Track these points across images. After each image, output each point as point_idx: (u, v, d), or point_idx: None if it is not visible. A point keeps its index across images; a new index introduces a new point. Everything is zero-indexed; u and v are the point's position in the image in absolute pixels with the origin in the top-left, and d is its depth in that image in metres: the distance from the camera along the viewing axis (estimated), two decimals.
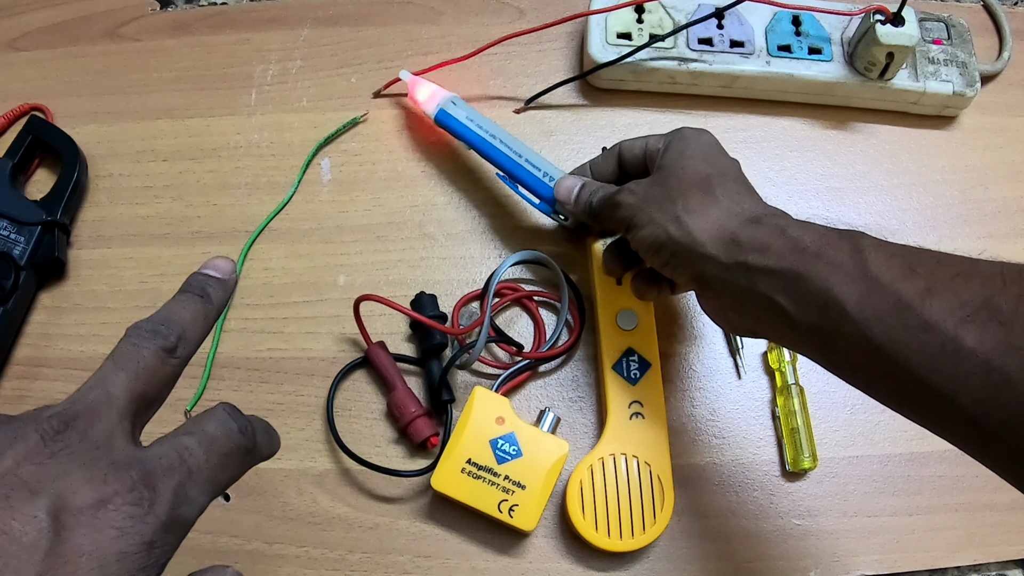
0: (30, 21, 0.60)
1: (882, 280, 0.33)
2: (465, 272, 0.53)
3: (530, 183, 0.51)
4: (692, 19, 0.55)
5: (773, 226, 0.37)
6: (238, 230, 0.54)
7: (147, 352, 0.27)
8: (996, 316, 0.30)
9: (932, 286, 0.32)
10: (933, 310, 0.31)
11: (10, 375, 0.51)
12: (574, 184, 0.48)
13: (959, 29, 0.57)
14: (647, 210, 0.41)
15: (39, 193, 0.53)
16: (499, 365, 0.50)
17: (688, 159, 0.42)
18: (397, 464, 0.48)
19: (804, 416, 0.48)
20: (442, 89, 0.54)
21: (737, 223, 0.39)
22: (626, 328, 0.49)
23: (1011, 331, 0.29)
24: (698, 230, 0.39)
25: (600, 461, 0.46)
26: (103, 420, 0.25)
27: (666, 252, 0.40)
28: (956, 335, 0.30)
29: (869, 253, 0.34)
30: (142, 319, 0.28)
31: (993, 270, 0.31)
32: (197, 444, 0.26)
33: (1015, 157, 0.57)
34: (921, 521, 0.48)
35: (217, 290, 0.31)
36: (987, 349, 0.30)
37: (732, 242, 0.38)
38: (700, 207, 0.40)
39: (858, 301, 0.33)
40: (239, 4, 0.61)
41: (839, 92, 0.56)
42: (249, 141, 0.57)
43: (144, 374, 0.27)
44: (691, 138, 0.44)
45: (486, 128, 0.52)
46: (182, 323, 0.29)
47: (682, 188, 0.41)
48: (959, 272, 0.32)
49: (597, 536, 0.45)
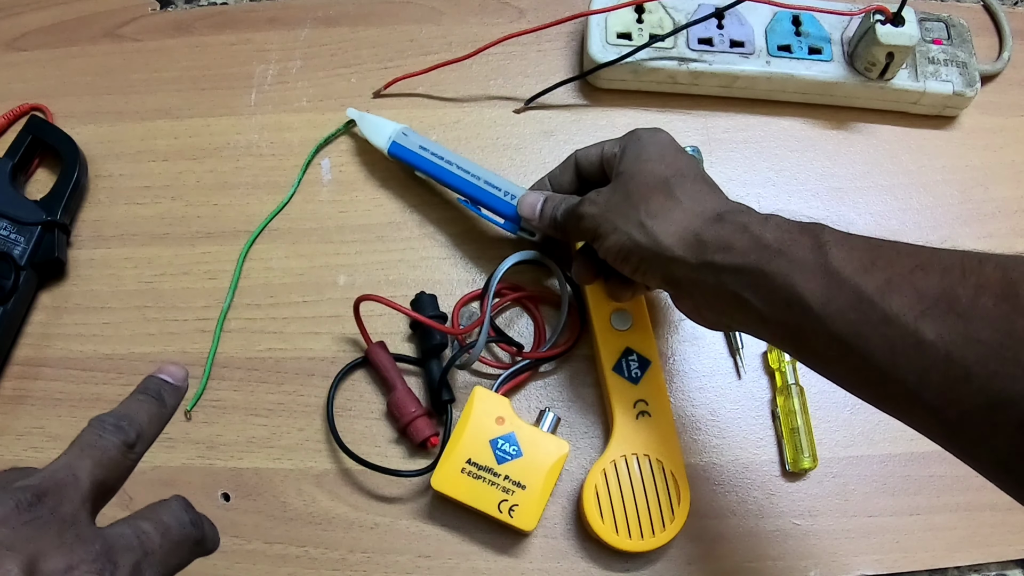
0: (30, 21, 0.60)
1: (843, 275, 0.33)
2: (465, 272, 0.53)
3: (492, 204, 0.50)
4: (692, 19, 0.55)
5: (736, 223, 0.37)
6: (238, 230, 0.54)
7: (110, 444, 0.30)
8: (954, 308, 0.30)
9: (892, 279, 0.32)
10: (893, 303, 0.31)
11: (10, 375, 0.51)
12: (536, 200, 0.48)
13: (959, 29, 0.57)
14: (610, 218, 0.42)
15: (39, 193, 0.53)
16: (499, 365, 0.50)
17: (645, 162, 0.42)
18: (397, 464, 0.48)
19: (804, 416, 0.48)
20: (391, 121, 0.54)
21: (700, 222, 0.39)
22: (621, 328, 0.49)
23: (969, 323, 0.29)
24: (663, 233, 0.39)
25: (612, 464, 0.46)
26: (69, 499, 0.28)
27: (634, 258, 0.41)
28: (916, 328, 0.30)
29: (830, 248, 0.34)
30: (104, 413, 0.31)
31: (953, 261, 0.31)
32: (153, 529, 0.29)
33: (1015, 157, 0.57)
34: (921, 521, 0.48)
35: (171, 395, 0.34)
36: (946, 342, 0.30)
37: (697, 242, 0.38)
38: (662, 210, 0.40)
39: (821, 296, 0.33)
40: (239, 4, 0.61)
41: (839, 92, 0.56)
42: (249, 141, 0.57)
43: (107, 464, 0.30)
44: (647, 140, 0.44)
45: (441, 155, 0.52)
46: (141, 422, 0.31)
47: (643, 193, 0.41)
48: (918, 264, 0.32)
49: (619, 539, 0.44)
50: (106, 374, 0.51)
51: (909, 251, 0.33)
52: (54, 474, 0.28)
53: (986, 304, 0.29)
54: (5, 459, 0.49)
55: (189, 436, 0.49)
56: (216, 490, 0.48)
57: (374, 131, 0.54)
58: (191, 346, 0.51)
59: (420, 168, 0.52)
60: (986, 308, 0.29)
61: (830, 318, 0.33)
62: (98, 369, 0.51)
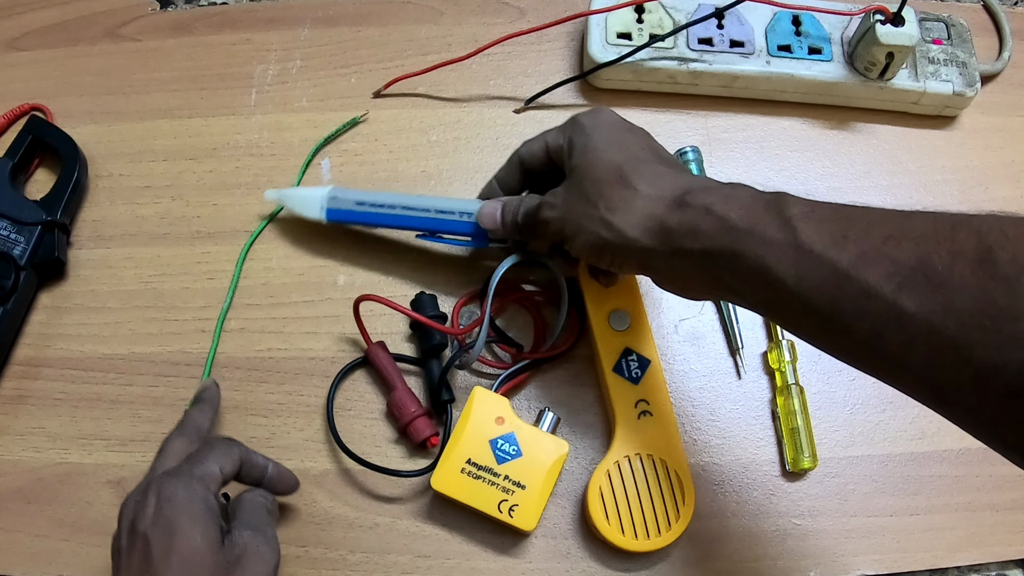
0: (30, 21, 0.60)
1: (815, 250, 0.32)
2: (465, 272, 0.53)
3: (451, 229, 0.49)
4: (692, 19, 0.55)
5: (699, 206, 0.37)
6: (238, 230, 0.54)
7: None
8: (931, 278, 0.29)
9: (866, 251, 0.31)
10: (869, 276, 0.31)
11: (10, 375, 0.51)
12: (495, 208, 0.47)
13: (959, 29, 0.57)
14: (573, 220, 0.41)
15: (39, 193, 0.53)
16: (499, 365, 0.50)
17: (595, 152, 0.42)
18: (397, 464, 0.48)
19: (804, 416, 0.48)
20: (316, 188, 0.52)
21: (663, 208, 0.38)
22: (619, 329, 0.49)
23: (947, 293, 0.29)
24: (628, 227, 0.39)
25: (616, 465, 0.46)
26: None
27: (607, 254, 0.41)
28: (895, 300, 0.30)
29: (798, 223, 0.33)
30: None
31: (926, 228, 0.31)
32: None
33: (1015, 157, 0.57)
34: (921, 521, 0.48)
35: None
36: (927, 313, 0.29)
37: (663, 230, 0.38)
38: (622, 202, 0.39)
39: (796, 275, 0.33)
40: (239, 4, 0.61)
41: (839, 92, 0.56)
42: (249, 141, 0.57)
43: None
44: (591, 127, 0.43)
45: (381, 202, 0.50)
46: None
47: (599, 188, 0.40)
48: (891, 233, 0.31)
49: (624, 539, 0.44)
50: (106, 374, 0.51)
51: (880, 219, 0.32)
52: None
53: (963, 272, 0.28)
54: (5, 459, 0.49)
55: None
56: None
57: (303, 205, 0.51)
58: (191, 346, 0.51)
59: (365, 223, 0.51)
60: (963, 276, 0.28)
61: (807, 295, 0.33)
62: (98, 369, 0.51)
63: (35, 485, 0.48)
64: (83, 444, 0.49)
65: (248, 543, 0.37)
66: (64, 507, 0.48)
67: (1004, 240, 0.28)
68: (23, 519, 0.47)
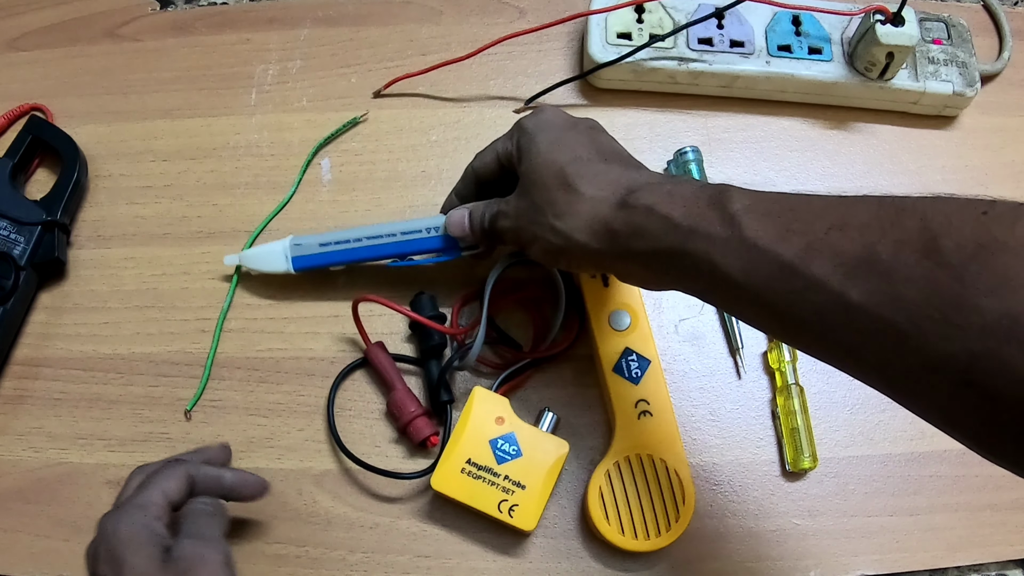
0: (30, 21, 0.60)
1: (760, 245, 0.32)
2: (464, 272, 0.53)
3: (421, 247, 0.49)
4: (692, 19, 0.55)
5: (640, 207, 0.37)
6: (238, 230, 0.54)
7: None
8: (876, 268, 0.29)
9: (811, 243, 0.31)
10: (815, 269, 0.30)
11: (10, 375, 0.51)
12: (462, 216, 0.47)
13: (959, 29, 0.57)
14: (526, 228, 0.41)
15: (39, 193, 0.53)
16: (498, 365, 0.50)
17: (538, 157, 0.41)
18: (397, 464, 0.48)
19: (804, 416, 0.48)
20: (274, 242, 0.51)
21: (607, 210, 0.38)
22: (619, 329, 0.49)
23: (893, 283, 0.28)
24: (576, 231, 0.39)
25: (616, 465, 0.46)
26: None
27: (563, 259, 0.41)
28: (842, 292, 0.30)
29: (742, 218, 0.33)
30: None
31: (870, 215, 0.30)
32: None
33: (1015, 157, 0.57)
34: (921, 521, 0.48)
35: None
36: (875, 304, 0.29)
37: (609, 233, 0.38)
38: (568, 207, 0.39)
39: (742, 270, 0.33)
40: (239, 4, 0.61)
41: (839, 92, 0.56)
42: (249, 141, 0.57)
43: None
44: (534, 130, 0.43)
45: (344, 239, 0.49)
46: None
47: (545, 194, 0.40)
48: (833, 224, 0.31)
49: (625, 540, 0.44)
50: (106, 374, 0.51)
51: (823, 209, 0.32)
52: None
53: (908, 261, 0.28)
54: (5, 459, 0.49)
55: (189, 436, 0.49)
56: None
57: (266, 261, 0.51)
58: (191, 346, 0.51)
59: (334, 263, 0.50)
60: (908, 265, 0.28)
61: (755, 289, 0.32)
62: (98, 369, 0.51)
63: (35, 485, 0.48)
64: (83, 444, 0.49)
65: (190, 552, 0.36)
66: (64, 507, 0.48)
67: (949, 227, 0.28)
68: (23, 519, 0.47)
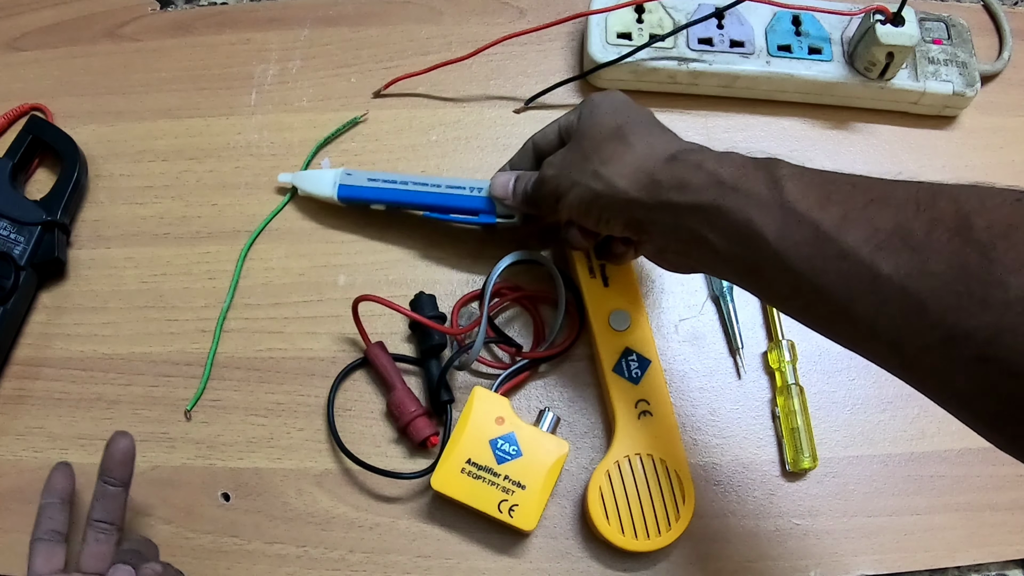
0: (30, 21, 0.60)
1: (799, 209, 0.33)
2: (464, 272, 0.53)
3: (462, 204, 0.50)
4: (692, 19, 0.55)
5: (690, 162, 0.38)
6: (238, 230, 0.54)
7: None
8: (909, 242, 0.30)
9: (848, 214, 0.32)
10: (849, 238, 0.31)
11: (10, 375, 0.51)
12: (508, 179, 0.48)
13: (959, 29, 0.57)
14: (568, 175, 0.42)
15: (39, 193, 0.53)
16: (498, 365, 0.50)
17: (598, 117, 0.43)
18: (397, 464, 0.48)
19: (804, 416, 0.48)
20: (328, 169, 0.53)
21: (654, 163, 0.39)
22: (619, 329, 0.49)
23: (923, 257, 0.29)
24: (618, 176, 0.40)
25: (616, 465, 0.46)
26: None
27: (595, 208, 0.41)
28: (872, 262, 0.31)
29: (786, 183, 0.34)
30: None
31: (908, 194, 0.31)
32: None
33: (1015, 157, 0.57)
34: (921, 521, 0.48)
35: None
36: (902, 276, 0.30)
37: (652, 182, 0.38)
38: (615, 156, 0.40)
39: (777, 231, 0.33)
40: (239, 4, 0.61)
41: (839, 92, 0.56)
42: (249, 141, 0.57)
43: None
44: (599, 100, 0.44)
45: (393, 179, 0.51)
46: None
47: (596, 144, 0.41)
48: (873, 198, 0.32)
49: (625, 539, 0.44)
50: (106, 374, 0.51)
51: (865, 185, 0.33)
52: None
53: (940, 238, 0.29)
54: (5, 459, 0.49)
55: (189, 436, 0.49)
56: (216, 490, 0.48)
57: (316, 184, 0.53)
58: (191, 346, 0.51)
59: (378, 200, 0.51)
60: (940, 242, 0.29)
61: (787, 253, 0.33)
62: (98, 369, 0.51)
63: (35, 485, 0.48)
64: (83, 444, 0.49)
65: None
66: None
67: (982, 208, 0.29)
68: (23, 519, 0.47)
